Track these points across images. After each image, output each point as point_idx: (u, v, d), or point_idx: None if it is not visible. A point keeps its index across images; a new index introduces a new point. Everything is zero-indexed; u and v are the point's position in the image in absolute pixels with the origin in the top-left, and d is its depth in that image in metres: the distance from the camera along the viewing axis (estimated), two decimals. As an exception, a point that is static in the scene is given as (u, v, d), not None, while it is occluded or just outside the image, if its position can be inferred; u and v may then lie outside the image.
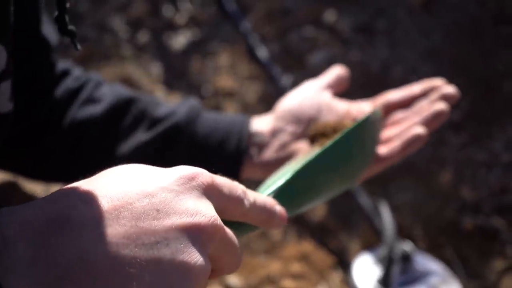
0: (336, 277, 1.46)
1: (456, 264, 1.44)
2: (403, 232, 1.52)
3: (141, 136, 0.84)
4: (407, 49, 1.96)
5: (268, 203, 0.55)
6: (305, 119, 0.84)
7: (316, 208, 1.61)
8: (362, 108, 0.86)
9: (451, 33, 2.04)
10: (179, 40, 2.17)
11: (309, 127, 0.83)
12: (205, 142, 0.84)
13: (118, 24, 2.23)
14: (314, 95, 0.87)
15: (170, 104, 0.88)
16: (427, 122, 0.81)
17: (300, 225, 1.57)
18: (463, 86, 1.85)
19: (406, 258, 1.38)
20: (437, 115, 0.81)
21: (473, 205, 1.56)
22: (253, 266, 1.48)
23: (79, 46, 0.83)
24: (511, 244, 1.42)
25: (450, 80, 1.88)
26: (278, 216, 0.55)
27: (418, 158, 1.71)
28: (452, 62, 1.91)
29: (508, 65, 1.89)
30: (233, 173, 0.83)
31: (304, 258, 1.48)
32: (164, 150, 0.83)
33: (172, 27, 2.24)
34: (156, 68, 2.03)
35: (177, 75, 1.97)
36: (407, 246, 1.39)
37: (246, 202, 0.51)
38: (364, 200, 1.48)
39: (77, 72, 0.89)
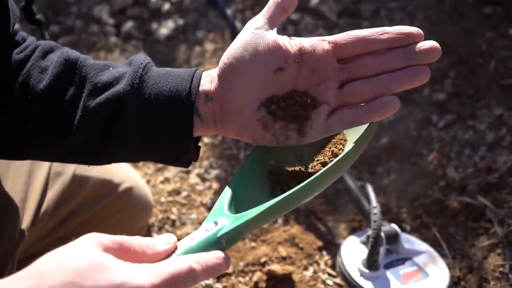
0: (324, 260, 1.47)
1: (442, 243, 1.46)
2: (389, 214, 1.53)
3: (85, 105, 0.80)
4: (392, 31, 1.96)
5: (214, 265, 0.62)
6: (251, 74, 0.75)
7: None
8: (316, 46, 0.75)
9: (434, 14, 2.04)
10: (165, 28, 2.17)
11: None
12: (152, 107, 0.78)
13: (104, 13, 2.22)
14: (256, 39, 0.76)
15: (117, 66, 0.83)
16: (401, 83, 0.73)
17: (287, 209, 1.58)
18: (447, 67, 1.87)
19: (393, 239, 1.39)
20: (415, 76, 0.74)
21: (459, 184, 1.57)
22: (241, 250, 1.49)
23: (47, 35, 0.83)
24: (497, 223, 1.44)
25: (435, 61, 1.89)
26: (225, 267, 0.64)
27: (403, 139, 1.72)
28: (436, 43, 1.91)
29: (492, 44, 1.89)
30: (186, 135, 0.78)
31: (292, 241, 1.50)
32: (111, 118, 0.79)
33: (157, 15, 2.23)
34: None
35: (164, 63, 1.96)
36: (393, 227, 1.40)
37: (192, 279, 0.59)
38: (351, 183, 1.49)
39: (29, 40, 0.87)
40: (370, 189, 1.44)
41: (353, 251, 1.41)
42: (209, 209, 1.57)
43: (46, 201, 1.16)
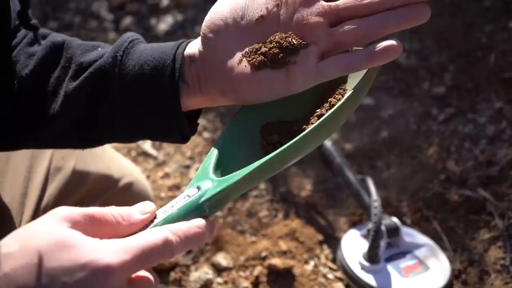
0: (325, 254, 1.47)
1: (443, 237, 1.46)
2: (390, 207, 1.53)
3: (67, 86, 0.77)
4: (391, 25, 1.96)
5: (195, 235, 0.58)
6: (232, 27, 0.70)
7: (303, 186, 1.62)
8: None
9: (433, 8, 2.03)
10: (164, 24, 2.17)
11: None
12: (136, 81, 0.73)
13: (102, 9, 2.22)
14: None
15: (106, 46, 0.80)
16: (402, 21, 0.67)
17: (288, 203, 1.58)
18: (446, 60, 1.86)
19: (393, 232, 1.39)
20: (415, 13, 0.68)
21: (459, 178, 1.57)
22: (241, 245, 1.49)
23: (41, 41, 0.82)
24: (497, 216, 1.43)
25: (434, 54, 1.89)
26: (208, 235, 0.59)
27: (403, 133, 1.72)
28: (435, 37, 1.91)
29: (491, 38, 1.89)
30: (173, 108, 0.73)
31: (292, 235, 1.49)
32: (96, 97, 0.76)
33: (156, 10, 2.23)
34: (140, 52, 2.03)
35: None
36: (393, 220, 1.40)
37: (169, 252, 0.55)
38: (351, 176, 1.49)
39: (22, 33, 0.85)
40: (370, 183, 1.44)
41: (353, 245, 1.41)
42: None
43: (46, 196, 1.15)
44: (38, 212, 1.13)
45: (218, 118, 1.79)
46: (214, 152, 0.69)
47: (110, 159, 1.35)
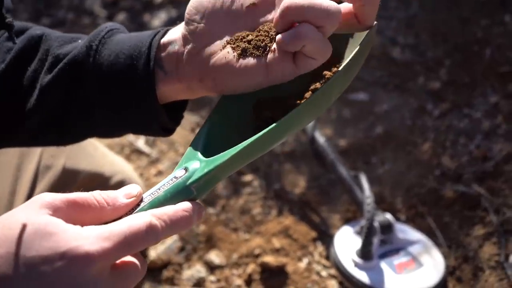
0: (318, 251, 1.46)
1: (437, 233, 1.44)
2: (384, 203, 1.52)
3: (43, 79, 0.74)
4: (386, 21, 1.95)
5: (182, 218, 0.56)
6: (219, 12, 0.67)
7: (297, 183, 1.61)
8: None
9: (430, 2, 2.02)
10: (158, 20, 2.15)
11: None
12: (112, 69, 0.71)
13: (96, 5, 2.21)
14: None
15: (83, 38, 0.76)
16: None
17: (281, 200, 1.57)
18: (442, 55, 1.85)
19: (387, 229, 1.38)
20: None
21: (454, 173, 1.56)
22: (234, 242, 1.48)
23: (16, 40, 0.80)
24: (492, 211, 1.42)
25: (429, 49, 1.88)
26: (196, 217, 0.57)
27: (398, 128, 1.71)
28: (430, 32, 1.89)
29: (488, 32, 1.87)
30: (149, 98, 0.70)
31: (285, 233, 1.48)
32: (71, 89, 0.73)
33: (150, 6, 2.22)
34: (134, 49, 2.02)
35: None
36: (387, 217, 1.39)
37: (153, 238, 0.54)
38: (344, 173, 1.48)
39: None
40: (363, 179, 1.43)
41: (346, 242, 1.40)
42: (203, 201, 1.55)
43: (35, 195, 1.14)
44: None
45: (212, 114, 1.78)
46: (203, 131, 0.66)
47: (102, 156, 1.34)
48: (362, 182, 1.42)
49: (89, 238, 0.51)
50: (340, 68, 0.64)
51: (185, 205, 0.57)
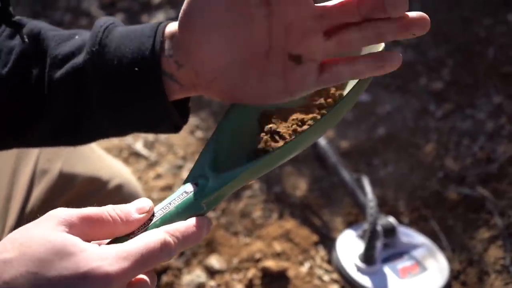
0: (320, 255, 1.44)
1: (441, 236, 1.42)
2: (387, 206, 1.50)
3: (48, 84, 0.73)
4: (387, 20, 1.92)
5: (193, 234, 0.58)
6: (214, 34, 0.65)
7: (298, 186, 1.59)
8: None
9: (431, 2, 2.00)
10: (156, 20, 2.13)
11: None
12: (117, 75, 0.70)
13: (93, 6, 2.19)
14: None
15: (83, 33, 0.75)
16: (398, 30, 0.62)
17: (282, 203, 1.55)
18: (444, 55, 1.83)
19: (390, 233, 1.35)
20: (412, 25, 0.63)
21: (457, 175, 1.54)
22: (234, 246, 1.45)
23: (26, 38, 0.78)
24: (496, 214, 1.40)
25: (431, 49, 1.86)
26: (206, 232, 0.60)
27: (400, 129, 1.69)
28: (432, 31, 1.87)
29: (490, 31, 1.85)
30: (160, 102, 0.70)
31: (287, 236, 1.46)
32: (77, 96, 0.73)
33: (148, 7, 2.20)
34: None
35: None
36: (390, 220, 1.37)
37: (167, 254, 0.55)
38: (346, 175, 1.46)
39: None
40: (366, 182, 1.41)
41: (349, 246, 1.37)
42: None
43: (32, 200, 1.12)
44: (23, 216, 1.10)
45: (212, 117, 1.75)
46: (211, 145, 0.67)
47: (99, 160, 1.32)
48: (364, 185, 1.40)
49: (108, 259, 0.52)
50: (348, 92, 0.65)
51: (196, 221, 0.59)
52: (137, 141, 1.68)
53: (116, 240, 0.57)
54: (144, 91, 0.70)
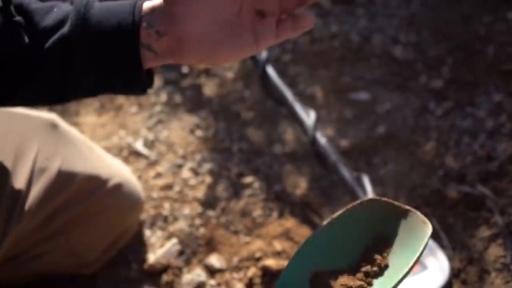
0: (320, 253, 1.44)
1: (441, 234, 1.42)
2: (387, 205, 1.50)
3: (35, 56, 0.81)
4: (387, 19, 1.92)
5: None
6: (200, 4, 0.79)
7: (298, 184, 1.59)
8: None
9: (430, 0, 1.99)
10: None
11: None
12: (100, 47, 0.80)
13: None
14: None
15: (60, 6, 0.84)
16: None
17: (282, 202, 1.55)
18: (444, 53, 1.83)
19: (390, 231, 1.35)
20: None
21: (458, 173, 1.54)
22: (234, 245, 1.45)
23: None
24: (497, 212, 1.40)
25: (431, 47, 1.85)
26: None
27: (400, 128, 1.69)
28: (432, 30, 1.87)
29: (490, 29, 1.85)
30: (136, 64, 0.81)
31: (287, 235, 1.46)
32: (64, 59, 0.81)
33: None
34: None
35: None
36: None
37: None
38: (346, 174, 1.45)
39: None
40: (366, 180, 1.41)
41: (349, 244, 1.37)
42: (202, 203, 1.53)
43: (30, 199, 1.12)
44: (22, 214, 1.10)
45: (211, 115, 1.75)
46: None
47: (98, 159, 1.32)
48: (364, 184, 1.40)
49: None
50: (405, 272, 0.76)
51: None
52: (137, 140, 1.68)
53: None
54: (123, 61, 0.80)
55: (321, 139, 1.49)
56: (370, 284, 0.78)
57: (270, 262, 1.38)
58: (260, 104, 1.76)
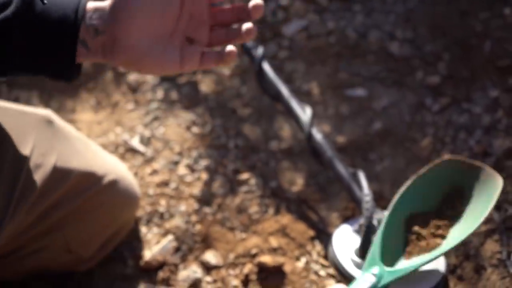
0: (316, 250, 1.44)
1: (438, 230, 1.42)
2: (383, 200, 1.49)
3: None
4: (383, 15, 1.92)
5: None
6: (144, 15, 0.88)
7: (294, 180, 1.58)
8: None
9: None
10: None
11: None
12: (39, 36, 0.86)
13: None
14: None
15: None
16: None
17: (278, 198, 1.55)
18: (440, 49, 1.82)
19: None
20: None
21: (454, 169, 1.53)
22: (230, 242, 1.45)
23: None
24: (493, 208, 1.39)
25: (427, 43, 1.85)
26: None
27: (397, 124, 1.68)
28: (429, 26, 1.87)
29: (487, 25, 1.85)
30: (69, 66, 0.88)
31: (283, 231, 1.46)
32: (2, 37, 0.85)
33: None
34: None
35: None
36: (386, 215, 1.36)
37: None
38: (342, 170, 1.45)
39: None
40: (362, 177, 1.40)
41: (345, 241, 1.37)
42: (198, 200, 1.53)
43: (25, 194, 1.12)
44: (17, 210, 1.10)
45: (208, 112, 1.75)
46: (378, 241, 1.13)
47: (93, 155, 1.32)
48: (360, 180, 1.40)
49: None
50: (477, 224, 1.15)
51: None
52: (134, 137, 1.68)
53: None
54: (58, 54, 0.87)
55: (317, 135, 1.49)
56: (452, 225, 1.11)
57: (266, 259, 1.38)
58: (256, 101, 1.76)
